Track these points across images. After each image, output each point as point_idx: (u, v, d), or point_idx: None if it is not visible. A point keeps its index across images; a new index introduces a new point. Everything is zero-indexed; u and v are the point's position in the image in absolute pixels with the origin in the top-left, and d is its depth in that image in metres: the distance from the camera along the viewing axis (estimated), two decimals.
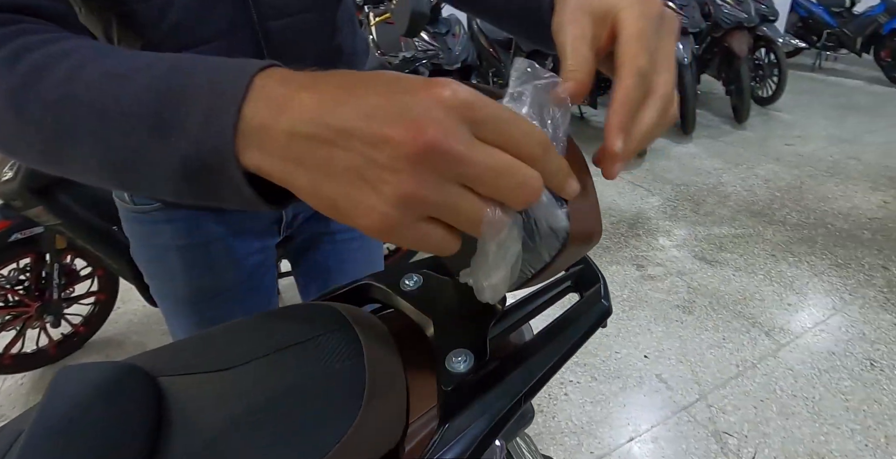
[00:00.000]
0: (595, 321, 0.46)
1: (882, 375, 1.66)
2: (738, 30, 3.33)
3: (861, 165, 3.08)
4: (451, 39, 2.31)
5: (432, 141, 0.22)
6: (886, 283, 2.08)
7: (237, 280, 0.70)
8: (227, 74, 0.27)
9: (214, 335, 0.42)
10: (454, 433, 0.35)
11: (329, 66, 0.57)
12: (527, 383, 0.39)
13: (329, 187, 0.24)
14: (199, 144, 0.26)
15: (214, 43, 0.48)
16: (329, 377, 0.35)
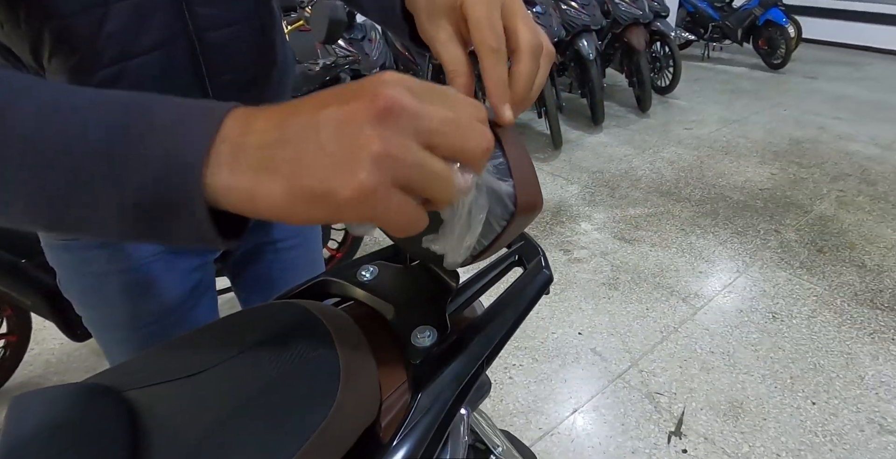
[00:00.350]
0: (539, 289, 0.51)
1: (783, 324, 1.86)
2: (635, 26, 3.58)
3: (750, 143, 3.41)
4: (368, 45, 2.33)
5: (387, 100, 0.24)
6: (779, 244, 2.33)
7: (179, 301, 0.68)
8: (194, 113, 0.27)
9: (178, 344, 0.42)
10: (428, 399, 0.39)
11: (264, 75, 0.57)
12: (487, 348, 0.43)
13: (302, 180, 0.25)
14: (160, 181, 0.26)
15: (152, 54, 0.47)
16: (304, 367, 0.37)
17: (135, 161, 0.26)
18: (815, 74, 4.94)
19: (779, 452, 1.40)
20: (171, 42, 0.48)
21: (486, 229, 0.34)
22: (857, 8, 5.72)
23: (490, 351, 0.42)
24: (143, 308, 0.66)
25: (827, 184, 2.87)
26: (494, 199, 0.32)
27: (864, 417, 1.51)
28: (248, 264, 0.78)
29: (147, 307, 0.66)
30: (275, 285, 0.79)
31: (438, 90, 0.27)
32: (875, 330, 1.84)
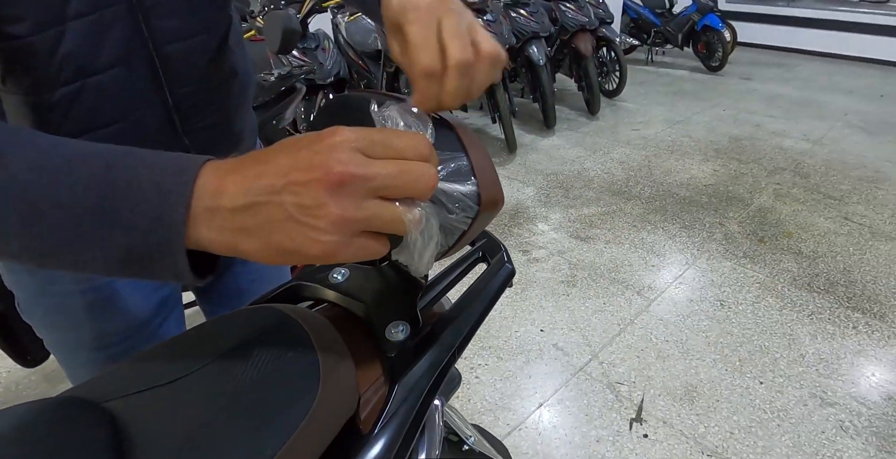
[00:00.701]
0: (503, 282, 0.54)
1: (730, 311, 1.97)
2: (582, 32, 3.72)
3: (693, 142, 3.58)
4: (322, 54, 2.33)
5: (339, 172, 0.28)
6: (724, 236, 2.46)
7: (146, 318, 0.67)
8: (168, 175, 0.30)
9: (154, 353, 0.42)
10: (405, 390, 0.41)
11: (225, 86, 0.58)
12: (457, 339, 0.46)
13: (275, 239, 0.29)
14: (147, 236, 0.29)
15: (111, 70, 0.47)
16: (283, 366, 0.38)
17: (122, 220, 0.29)
18: (750, 75, 5.23)
19: (732, 430, 1.49)
20: (131, 57, 0.48)
21: (453, 228, 0.37)
22: (787, 13, 6.10)
23: (460, 342, 0.45)
24: (109, 328, 0.64)
25: (764, 178, 3.04)
26: (460, 198, 0.35)
27: (807, 392, 1.61)
28: (217, 278, 0.78)
29: (114, 326, 0.65)
30: (243, 298, 0.78)
31: (385, 139, 0.30)
32: (813, 312, 1.97)
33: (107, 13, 0.45)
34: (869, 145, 3.49)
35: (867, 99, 4.49)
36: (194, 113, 0.56)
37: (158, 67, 0.50)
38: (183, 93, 0.53)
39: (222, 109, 0.60)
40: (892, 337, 1.85)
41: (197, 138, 0.57)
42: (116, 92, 0.48)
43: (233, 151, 0.65)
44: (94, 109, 0.47)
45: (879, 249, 2.36)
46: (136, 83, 0.50)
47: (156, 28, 0.49)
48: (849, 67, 5.62)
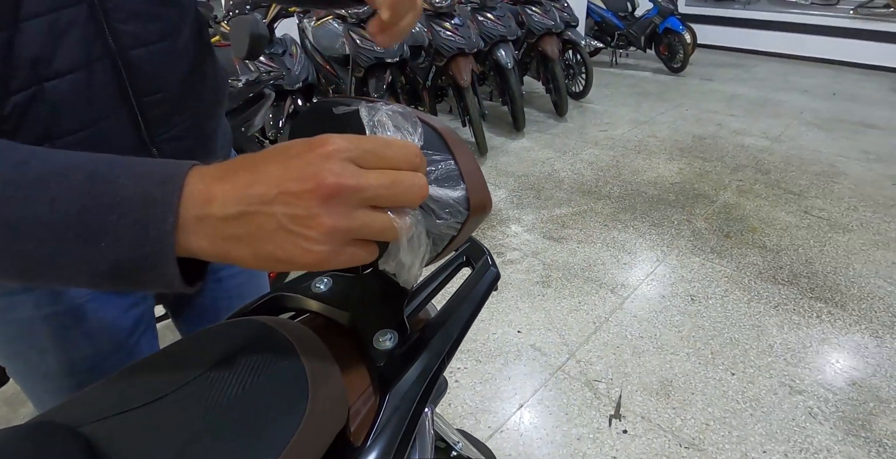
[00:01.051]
0: (489, 285, 0.54)
1: (701, 305, 2.02)
2: (548, 35, 3.77)
3: (658, 142, 3.67)
4: (289, 59, 2.30)
5: (331, 184, 0.28)
6: (692, 233, 2.53)
7: (118, 342, 0.64)
8: (153, 184, 0.29)
9: (132, 372, 0.40)
10: (396, 398, 0.40)
11: (195, 93, 0.56)
12: (446, 345, 0.45)
13: (267, 248, 0.29)
14: (135, 248, 0.29)
15: (72, 75, 0.45)
16: (270, 380, 0.37)
17: (108, 233, 0.29)
18: (710, 76, 5.39)
19: (707, 422, 1.52)
20: (92, 62, 0.46)
21: (443, 232, 0.37)
22: (744, 15, 6.31)
23: (449, 348, 0.45)
24: (77, 354, 0.61)
25: (728, 175, 3.14)
26: (450, 203, 0.35)
27: (777, 382, 1.66)
28: (191, 297, 0.75)
29: (81, 352, 0.61)
30: (220, 315, 0.75)
31: (377, 149, 0.31)
32: (779, 303, 2.03)
33: (64, 14, 0.43)
34: (824, 142, 3.64)
35: (821, 97, 4.68)
36: (163, 122, 0.53)
37: (123, 73, 0.48)
38: (150, 101, 0.51)
39: (193, 117, 0.57)
40: (853, 325, 1.92)
41: (166, 149, 0.55)
42: (77, 99, 0.46)
43: (207, 159, 0.63)
44: (51, 117, 0.45)
45: (838, 241, 2.45)
46: (98, 90, 0.47)
47: (119, 32, 0.47)
48: (802, 66, 5.86)
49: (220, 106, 0.63)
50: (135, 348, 0.65)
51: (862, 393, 1.63)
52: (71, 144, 0.47)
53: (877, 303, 2.04)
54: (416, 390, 0.41)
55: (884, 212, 2.71)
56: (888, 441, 1.47)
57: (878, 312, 1.99)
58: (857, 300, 2.05)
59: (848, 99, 4.64)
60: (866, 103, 4.52)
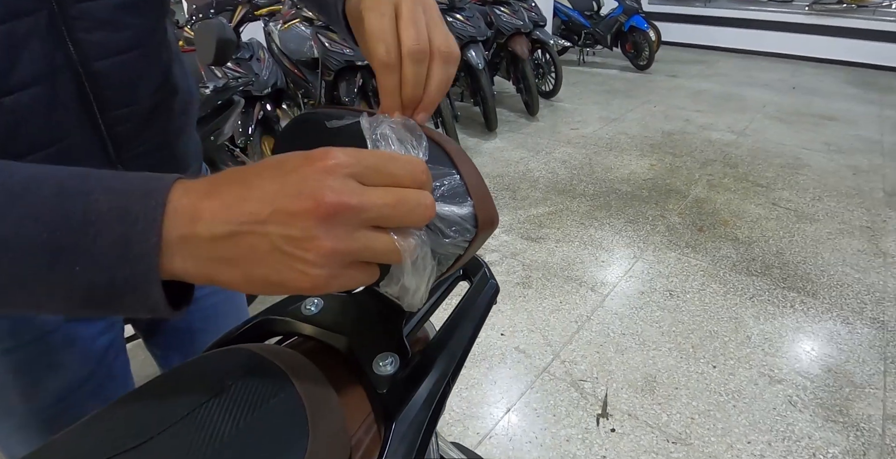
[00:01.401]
0: (490, 299, 0.52)
1: (679, 300, 2.05)
2: (517, 35, 3.78)
3: (629, 138, 3.72)
4: (257, 64, 2.24)
5: (331, 203, 0.26)
6: (666, 228, 2.56)
7: (86, 373, 0.60)
8: (133, 199, 0.26)
9: (113, 412, 0.37)
10: (403, 426, 0.38)
11: (163, 107, 0.53)
12: (451, 365, 0.43)
13: (259, 271, 0.27)
14: (113, 270, 0.26)
15: (32, 89, 0.41)
16: (267, 415, 0.34)
17: (83, 254, 0.26)
18: (675, 72, 5.51)
19: (692, 415, 1.54)
20: (53, 74, 0.42)
21: (450, 250, 0.34)
22: (705, 13, 6.48)
23: (454, 369, 0.43)
24: (42, 389, 0.57)
25: (698, 170, 3.20)
26: (454, 223, 0.33)
27: (756, 372, 1.70)
28: (165, 320, 0.71)
29: (48, 386, 0.57)
30: (196, 338, 0.72)
31: (381, 165, 0.28)
32: (754, 294, 2.08)
33: (22, 23, 0.39)
34: (787, 135, 3.75)
35: (781, 91, 4.83)
36: (130, 138, 0.50)
37: (87, 86, 0.45)
38: (116, 115, 0.48)
39: (162, 132, 0.54)
40: (825, 312, 1.97)
41: (134, 166, 0.52)
42: (37, 115, 0.42)
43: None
44: (8, 135, 0.41)
45: (805, 230, 2.52)
46: (60, 105, 0.44)
47: (82, 42, 0.43)
48: (762, 61, 6.03)
49: (191, 119, 0.60)
50: (107, 375, 0.62)
51: (837, 379, 1.67)
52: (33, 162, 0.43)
53: (846, 290, 2.10)
54: (423, 416, 0.39)
55: (847, 201, 2.80)
56: (865, 424, 1.52)
57: (848, 299, 2.05)
58: (827, 289, 2.11)
59: (807, 92, 4.80)
60: (824, 96, 4.68)
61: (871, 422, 1.52)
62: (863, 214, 2.68)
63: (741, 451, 1.43)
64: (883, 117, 4.13)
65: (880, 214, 2.68)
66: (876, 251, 2.36)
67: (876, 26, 5.49)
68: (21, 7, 0.39)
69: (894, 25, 5.39)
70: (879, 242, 2.43)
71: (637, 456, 1.41)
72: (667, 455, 1.42)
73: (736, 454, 1.42)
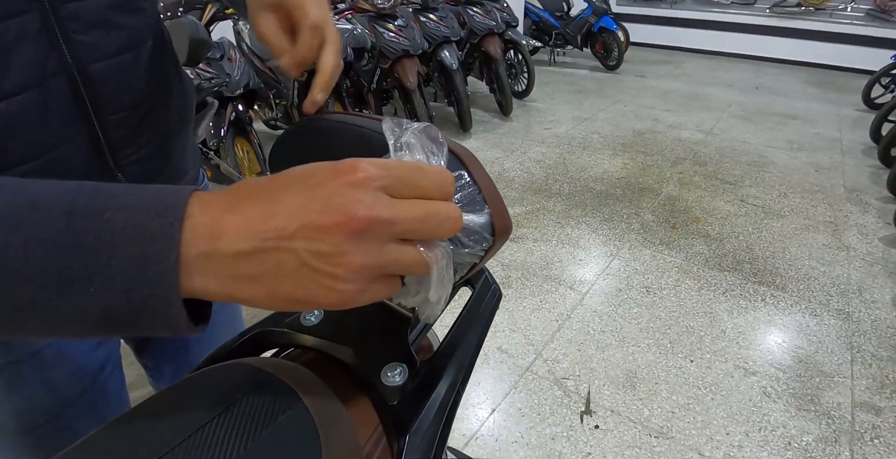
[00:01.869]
0: (494, 305, 0.51)
1: (656, 296, 2.09)
2: (490, 35, 3.80)
3: (601, 138, 3.78)
4: (229, 64, 2.18)
5: (363, 218, 0.25)
6: (641, 226, 2.61)
7: (81, 388, 0.57)
8: (149, 215, 0.25)
9: (108, 435, 0.34)
10: (417, 438, 0.36)
11: (160, 111, 0.51)
12: (461, 374, 0.42)
13: (285, 287, 0.26)
14: (131, 292, 0.25)
15: (23, 95, 0.39)
16: (277, 431, 0.33)
17: (97, 277, 0.25)
18: (644, 73, 5.62)
19: (672, 409, 1.57)
20: (47, 79, 0.40)
21: (467, 258, 0.34)
22: (671, 14, 6.63)
23: (463, 377, 0.42)
24: (34, 407, 0.55)
25: (669, 168, 3.27)
26: (473, 233, 0.32)
27: (732, 365, 1.74)
28: None
29: (40, 404, 0.55)
30: (190, 348, 0.70)
31: (410, 177, 0.27)
32: (727, 289, 2.13)
33: (12, 25, 0.37)
34: (752, 133, 3.86)
35: (745, 91, 4.98)
36: (127, 143, 0.48)
37: (82, 90, 0.43)
38: (113, 121, 0.46)
39: (159, 137, 0.52)
40: (794, 305, 2.04)
41: (132, 173, 0.50)
42: (30, 123, 0.40)
43: (176, 181, 0.58)
44: (2, 143, 0.39)
45: (773, 226, 2.61)
46: (55, 112, 0.41)
47: (76, 44, 0.41)
48: (726, 62, 6.21)
49: (188, 123, 0.58)
50: (101, 391, 0.60)
51: (808, 370, 1.73)
52: (27, 173, 0.41)
53: (813, 283, 2.17)
54: (436, 428, 0.38)
55: (811, 197, 2.90)
56: (835, 412, 1.57)
57: (815, 291, 2.13)
58: (795, 282, 2.18)
59: (769, 92, 4.96)
60: (786, 96, 4.85)
61: (840, 410, 1.58)
62: (826, 209, 2.78)
63: (721, 442, 1.47)
64: (841, 116, 4.31)
65: (842, 209, 2.79)
66: (839, 245, 2.45)
67: (833, 29, 5.71)
68: (9, 8, 0.37)
69: (850, 28, 5.62)
70: (842, 236, 2.53)
71: (621, 452, 1.44)
72: (650, 449, 1.44)
73: (716, 445, 1.46)
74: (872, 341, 1.86)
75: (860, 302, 2.06)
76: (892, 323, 1.95)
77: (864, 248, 2.43)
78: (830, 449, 1.46)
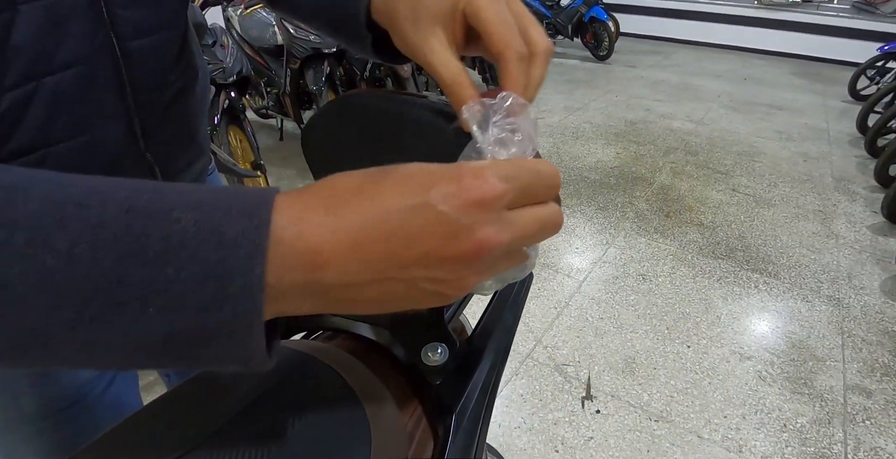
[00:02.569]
0: (528, 285, 0.51)
1: (652, 283, 2.11)
2: None
3: (594, 127, 3.79)
4: (221, 51, 2.14)
5: (483, 244, 0.23)
6: (635, 215, 2.63)
7: (97, 375, 0.57)
8: (229, 217, 0.21)
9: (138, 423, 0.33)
10: (464, 418, 0.36)
11: (187, 91, 0.50)
12: (500, 354, 0.41)
13: (391, 306, 0.25)
14: (204, 312, 0.21)
15: (73, 69, 0.38)
16: (324, 416, 0.32)
17: (161, 293, 0.20)
18: (634, 63, 5.63)
19: (671, 394, 1.59)
20: (94, 54, 0.39)
21: None
22: (661, 5, 6.64)
23: (502, 357, 0.42)
24: (56, 393, 0.54)
25: (661, 158, 3.29)
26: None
27: (728, 350, 1.77)
28: None
29: (61, 389, 0.54)
30: None
31: (532, 187, 0.25)
32: (720, 276, 2.16)
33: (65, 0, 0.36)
34: (742, 123, 3.90)
35: (734, 82, 5.02)
36: (157, 124, 0.47)
37: (122, 68, 0.42)
38: (145, 99, 0.45)
39: (185, 117, 0.51)
40: (786, 292, 2.08)
41: (160, 153, 0.49)
42: (76, 98, 0.39)
43: (195, 164, 0.57)
44: (48, 119, 0.38)
45: (764, 215, 2.65)
46: (97, 87, 0.40)
47: (120, 20, 0.40)
48: (713, 53, 6.25)
49: (206, 105, 0.58)
50: (115, 376, 0.59)
51: (801, 354, 1.77)
52: (65, 152, 0.40)
53: (804, 271, 2.22)
54: (480, 408, 0.38)
55: (800, 187, 2.95)
56: (828, 395, 1.61)
57: (806, 278, 2.17)
58: (786, 269, 2.22)
59: (757, 83, 5.01)
60: (773, 87, 4.90)
61: (833, 393, 1.62)
62: (815, 198, 2.83)
63: (719, 425, 1.49)
64: (827, 107, 4.37)
65: (830, 198, 2.84)
66: (829, 233, 2.50)
67: (819, 21, 5.78)
68: None
69: (836, 20, 5.69)
70: (831, 224, 2.58)
71: (622, 436, 1.46)
72: (650, 432, 1.47)
73: (714, 428, 1.49)
74: (862, 326, 1.91)
75: (850, 289, 2.11)
76: (881, 309, 2.00)
77: (852, 236, 2.48)
78: (824, 431, 1.49)
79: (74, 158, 0.40)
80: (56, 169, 0.22)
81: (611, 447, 1.42)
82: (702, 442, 1.44)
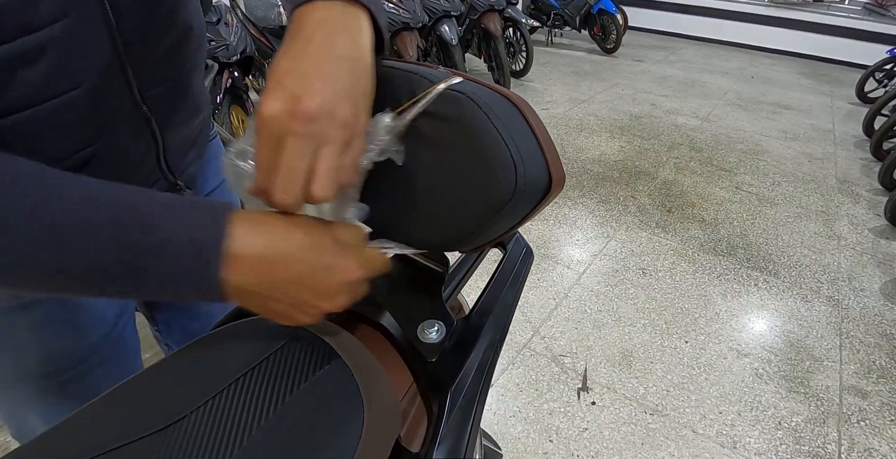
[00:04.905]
0: (528, 265, 0.50)
1: (652, 278, 2.10)
2: (490, 12, 3.72)
3: (598, 120, 3.76)
4: (225, 29, 2.10)
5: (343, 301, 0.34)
6: (637, 209, 2.62)
7: (103, 333, 0.56)
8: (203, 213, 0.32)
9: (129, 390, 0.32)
10: (459, 396, 0.36)
11: (181, 45, 0.49)
12: (498, 332, 0.40)
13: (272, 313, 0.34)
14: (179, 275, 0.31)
15: (61, 22, 0.36)
16: (316, 389, 0.32)
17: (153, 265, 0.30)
18: (641, 57, 5.59)
19: (667, 388, 1.59)
20: (79, 7, 0.37)
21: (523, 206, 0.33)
22: (673, 0, 6.56)
23: (500, 337, 0.40)
24: (60, 349, 0.53)
25: (665, 153, 3.27)
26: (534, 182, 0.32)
27: (725, 347, 1.77)
28: None
29: (65, 346, 0.53)
30: (200, 305, 0.68)
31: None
32: (721, 273, 2.15)
33: None
34: (747, 121, 3.88)
35: (741, 80, 4.98)
36: (151, 75, 0.46)
37: (111, 17, 0.39)
38: (138, 51, 0.43)
39: (179, 70, 0.50)
40: (786, 291, 2.07)
41: (156, 107, 0.48)
42: (66, 51, 0.37)
43: (193, 119, 0.55)
44: (40, 74, 0.36)
45: (767, 213, 2.63)
46: (87, 40, 0.38)
47: None
48: (722, 50, 6.20)
49: (202, 59, 0.56)
50: (120, 338, 0.58)
51: (799, 353, 1.77)
52: (60, 106, 0.38)
53: (804, 271, 2.21)
54: (476, 386, 0.37)
55: (803, 187, 2.94)
56: (824, 395, 1.61)
57: (806, 278, 2.16)
58: (787, 268, 2.21)
59: (764, 82, 4.97)
60: (780, 86, 4.87)
61: (829, 393, 1.62)
62: (818, 199, 2.81)
63: (714, 421, 1.49)
64: (834, 108, 4.34)
65: (833, 199, 2.82)
66: (830, 234, 2.49)
67: (830, 21, 5.73)
68: None
69: (846, 21, 5.64)
70: (833, 226, 2.57)
71: (617, 428, 1.45)
72: (645, 425, 1.46)
73: (709, 423, 1.48)
74: (861, 328, 1.90)
75: (850, 290, 2.10)
76: (880, 311, 1.99)
77: (854, 238, 2.47)
78: (819, 430, 1.49)
79: (68, 113, 0.39)
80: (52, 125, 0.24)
81: (605, 438, 1.42)
82: (696, 437, 1.44)
